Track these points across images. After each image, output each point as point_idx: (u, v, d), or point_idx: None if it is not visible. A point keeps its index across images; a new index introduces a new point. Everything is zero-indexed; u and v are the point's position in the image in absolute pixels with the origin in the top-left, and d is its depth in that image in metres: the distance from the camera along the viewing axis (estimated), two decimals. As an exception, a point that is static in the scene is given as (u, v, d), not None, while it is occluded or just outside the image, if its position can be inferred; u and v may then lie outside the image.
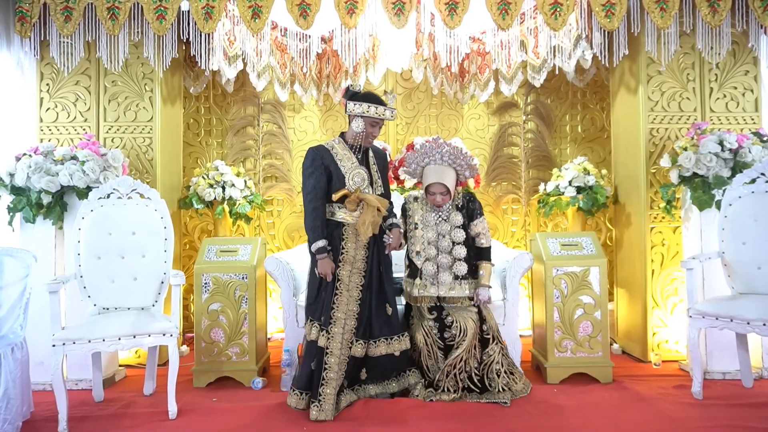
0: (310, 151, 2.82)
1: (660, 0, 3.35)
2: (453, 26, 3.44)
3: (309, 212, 2.73)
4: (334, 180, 2.76)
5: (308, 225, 2.73)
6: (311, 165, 2.76)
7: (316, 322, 2.70)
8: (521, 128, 4.53)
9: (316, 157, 2.77)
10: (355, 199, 2.73)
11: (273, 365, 3.51)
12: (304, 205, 2.77)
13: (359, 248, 2.76)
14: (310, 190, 2.74)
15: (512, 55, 4.01)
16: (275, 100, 4.44)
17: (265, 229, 4.52)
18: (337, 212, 2.76)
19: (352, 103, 2.75)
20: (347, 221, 2.75)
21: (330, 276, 2.68)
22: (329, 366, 2.63)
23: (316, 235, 2.71)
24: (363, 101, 2.75)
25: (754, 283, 2.91)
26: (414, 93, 4.54)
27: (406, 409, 2.70)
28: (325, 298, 2.70)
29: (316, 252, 2.70)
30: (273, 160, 4.53)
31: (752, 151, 3.13)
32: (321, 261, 2.69)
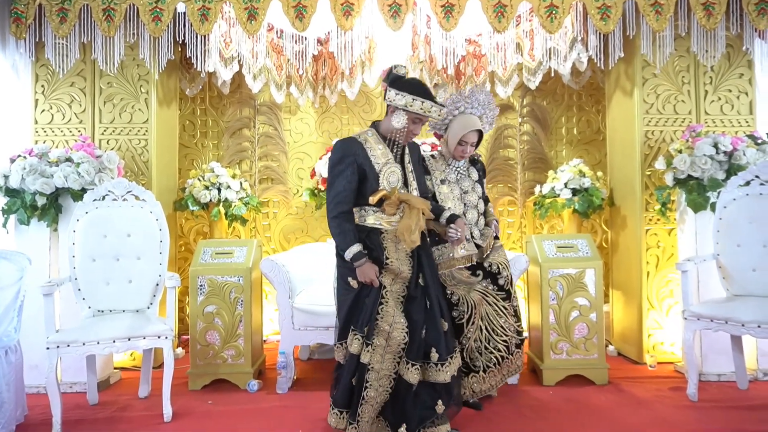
0: (341, 144, 2.36)
1: (655, 3, 3.36)
2: (449, 28, 3.44)
3: (335, 216, 2.31)
4: (369, 180, 2.32)
5: (336, 230, 2.32)
6: (341, 161, 2.31)
7: (359, 334, 2.28)
8: (517, 130, 4.54)
9: (348, 153, 2.32)
10: (395, 202, 2.31)
11: (269, 368, 3.50)
12: (328, 208, 2.34)
13: (403, 259, 2.31)
14: (339, 191, 2.30)
15: (508, 58, 4.02)
16: (271, 101, 4.44)
17: (260, 231, 4.51)
18: (370, 216, 2.34)
19: (393, 91, 2.29)
20: (384, 227, 2.33)
21: (376, 281, 2.26)
22: (370, 383, 2.24)
23: (347, 240, 2.27)
24: (407, 92, 2.27)
25: (749, 286, 2.92)
26: (410, 95, 4.53)
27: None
28: (369, 307, 2.28)
29: (353, 258, 2.25)
30: (269, 162, 4.52)
31: (747, 154, 3.15)
32: (362, 267, 2.26)
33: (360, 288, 2.31)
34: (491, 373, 2.67)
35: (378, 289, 2.28)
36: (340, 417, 2.34)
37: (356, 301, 2.33)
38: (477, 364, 2.65)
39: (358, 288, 2.32)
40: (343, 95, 4.32)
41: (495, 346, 2.66)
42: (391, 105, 2.32)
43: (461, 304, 2.66)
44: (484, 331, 2.66)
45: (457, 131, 2.68)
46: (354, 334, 2.31)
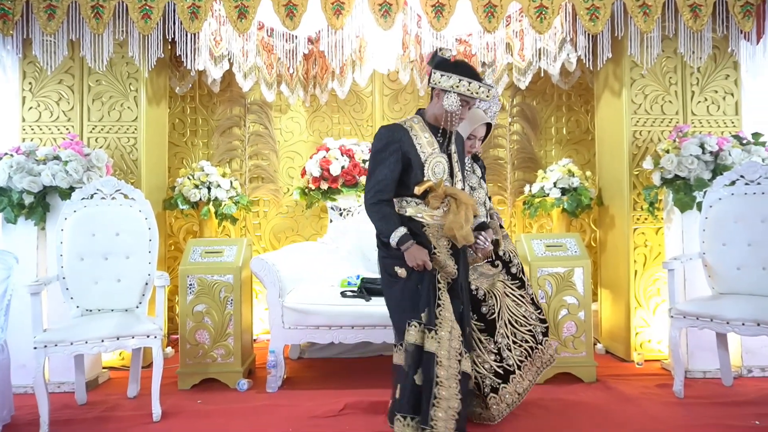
0: (385, 131, 2.23)
1: (643, 4, 3.40)
2: (439, 28, 3.46)
3: (374, 202, 2.17)
4: (414, 169, 2.18)
5: (376, 215, 2.17)
6: (385, 148, 2.18)
7: (415, 321, 2.09)
8: (507, 130, 4.57)
9: (393, 140, 2.18)
10: (441, 194, 2.19)
11: (259, 367, 3.49)
12: (366, 196, 2.20)
13: (447, 255, 2.19)
14: (380, 179, 2.16)
15: (498, 58, 4.04)
16: (262, 100, 4.43)
17: (251, 230, 4.50)
18: (410, 207, 2.21)
19: (438, 73, 2.18)
20: (426, 221, 2.20)
21: (429, 263, 2.10)
22: (440, 381, 2.03)
23: (391, 224, 2.13)
24: (453, 72, 2.17)
25: (734, 284, 2.96)
26: (401, 94, 4.55)
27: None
28: (425, 293, 2.11)
29: (399, 242, 2.09)
30: (259, 160, 4.51)
31: (732, 154, 3.19)
32: (410, 250, 2.09)
33: (409, 275, 2.13)
34: (526, 368, 2.58)
35: (432, 274, 2.13)
36: (405, 424, 2.10)
37: (407, 291, 2.14)
38: (510, 362, 2.54)
39: (406, 276, 2.14)
40: (333, 94, 4.32)
41: (522, 338, 2.58)
42: (437, 88, 2.20)
43: (489, 298, 2.55)
44: (508, 325, 2.57)
45: (465, 125, 2.59)
46: (410, 324, 2.11)
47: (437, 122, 2.25)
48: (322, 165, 4.00)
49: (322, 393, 3.00)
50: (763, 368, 3.21)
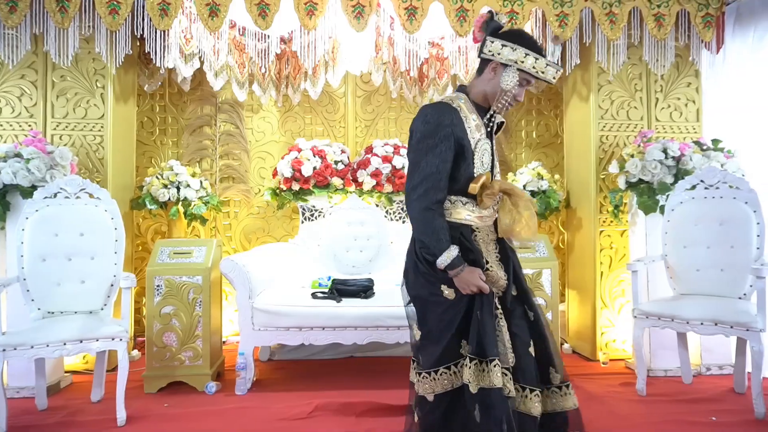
0: (433, 111, 1.80)
1: (610, 12, 3.49)
2: (412, 31, 3.48)
3: (426, 207, 1.75)
4: (465, 159, 1.81)
5: (424, 226, 1.77)
6: (434, 133, 1.76)
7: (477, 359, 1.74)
8: (478, 133, 4.61)
9: (444, 122, 1.77)
10: (496, 191, 1.86)
11: (228, 369, 3.45)
12: (410, 195, 1.78)
13: (496, 263, 1.86)
14: (430, 173, 1.74)
15: (470, 61, 4.09)
16: (233, 99, 4.38)
17: (221, 231, 4.44)
18: (460, 209, 1.84)
19: (499, 42, 1.80)
20: (475, 224, 1.86)
21: (486, 287, 1.76)
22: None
23: (441, 241, 1.75)
24: (519, 44, 1.80)
25: (694, 285, 3.06)
26: (373, 96, 4.56)
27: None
28: (485, 323, 1.75)
29: (450, 266, 1.74)
30: (230, 160, 4.46)
31: (693, 159, 3.30)
32: (463, 275, 1.75)
33: (458, 298, 1.79)
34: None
35: (490, 298, 1.78)
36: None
37: (455, 316, 1.78)
38: None
39: (456, 298, 1.78)
40: (306, 95, 4.31)
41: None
42: (494, 60, 1.82)
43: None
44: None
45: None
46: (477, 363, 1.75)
47: (485, 102, 1.89)
48: (293, 166, 3.98)
49: (292, 395, 2.98)
50: (720, 366, 3.32)
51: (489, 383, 1.70)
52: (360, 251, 3.94)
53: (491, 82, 1.85)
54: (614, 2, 3.48)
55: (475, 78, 1.92)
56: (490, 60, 1.84)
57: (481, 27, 1.87)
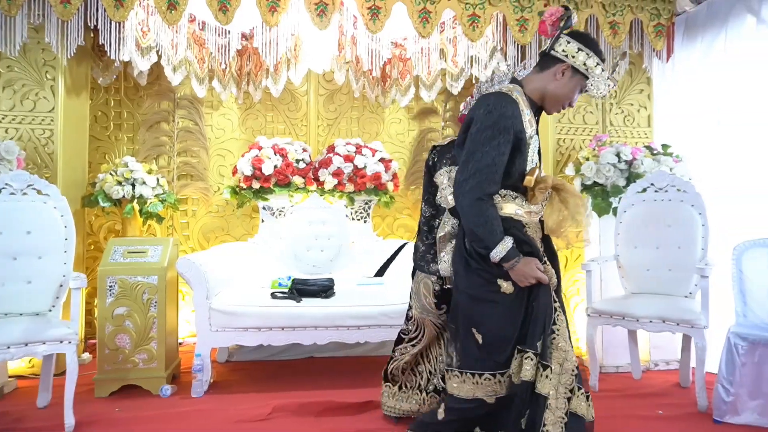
0: (497, 101, 1.71)
1: (567, 19, 3.58)
2: (375, 30, 3.48)
3: (479, 197, 1.67)
4: (522, 154, 1.75)
5: (477, 218, 1.68)
6: (495, 124, 1.68)
7: (531, 352, 1.68)
8: (440, 134, 4.67)
9: (507, 113, 1.70)
10: (548, 186, 1.80)
11: (184, 371, 3.37)
12: (463, 186, 1.70)
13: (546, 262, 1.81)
14: (487, 164, 1.67)
15: (432, 63, 4.12)
16: (192, 95, 4.28)
17: (178, 230, 4.33)
18: (509, 204, 1.76)
19: (575, 44, 1.73)
20: (524, 219, 1.79)
21: (545, 277, 1.71)
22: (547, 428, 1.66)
23: (496, 233, 1.68)
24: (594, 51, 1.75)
25: (644, 284, 3.18)
26: (336, 95, 4.54)
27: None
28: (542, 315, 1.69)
29: (505, 258, 1.67)
30: (188, 157, 4.36)
31: (644, 163, 3.42)
32: (517, 268, 1.68)
33: (518, 291, 1.71)
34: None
35: (547, 289, 1.71)
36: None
37: (514, 310, 1.70)
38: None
39: (514, 292, 1.70)
40: (267, 92, 4.25)
41: None
42: (567, 62, 1.75)
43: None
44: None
45: None
46: (524, 355, 1.68)
47: (539, 100, 1.82)
48: (254, 164, 3.92)
49: (251, 396, 2.94)
50: (667, 362, 3.46)
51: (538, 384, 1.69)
52: (321, 251, 3.92)
53: (555, 83, 1.78)
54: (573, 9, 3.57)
55: (535, 73, 1.82)
56: (560, 60, 1.76)
57: (556, 23, 1.77)
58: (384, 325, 3.19)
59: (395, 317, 3.20)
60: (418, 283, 2.36)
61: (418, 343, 2.44)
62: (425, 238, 2.34)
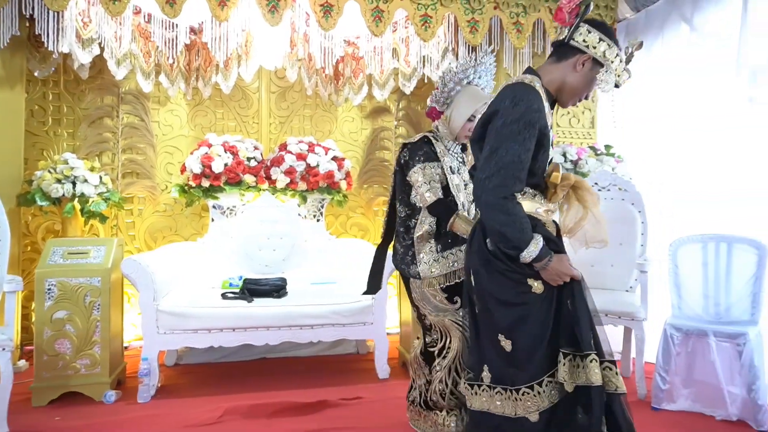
0: (524, 92, 1.59)
1: (517, 22, 3.67)
2: (328, 28, 3.46)
3: (505, 196, 1.55)
4: (544, 149, 1.64)
5: (503, 216, 1.55)
6: (523, 117, 1.55)
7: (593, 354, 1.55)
8: (393, 133, 4.69)
9: (533, 106, 1.57)
10: (572, 182, 1.71)
11: (130, 376, 3.26)
12: (486, 184, 1.55)
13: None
14: (512, 161, 1.54)
15: (385, 62, 4.14)
16: (138, 90, 4.12)
17: (123, 230, 4.17)
18: (527, 201, 1.65)
19: (597, 35, 1.63)
20: (543, 218, 1.69)
21: (577, 273, 1.61)
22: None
23: (525, 232, 1.55)
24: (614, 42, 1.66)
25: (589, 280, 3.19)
26: (288, 92, 4.49)
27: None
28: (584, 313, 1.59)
29: (537, 258, 1.55)
30: (134, 155, 4.20)
31: (588, 163, 3.56)
32: (552, 265, 1.56)
33: (548, 290, 1.59)
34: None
35: (580, 285, 1.61)
36: None
37: (545, 311, 1.58)
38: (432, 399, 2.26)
39: (544, 291, 1.58)
40: (217, 88, 4.16)
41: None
42: (587, 53, 1.64)
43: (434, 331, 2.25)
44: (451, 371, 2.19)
45: (467, 106, 2.17)
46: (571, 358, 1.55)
47: (556, 91, 1.70)
48: (203, 161, 3.83)
49: (200, 400, 2.87)
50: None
51: (586, 380, 1.53)
52: (273, 250, 3.87)
53: (575, 74, 1.67)
54: (521, 13, 3.67)
55: (550, 64, 1.71)
56: (580, 51, 1.65)
57: (575, 10, 1.65)
58: (337, 324, 3.19)
59: (348, 316, 3.21)
60: (419, 288, 2.18)
61: (448, 352, 2.18)
62: (402, 240, 2.23)
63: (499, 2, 3.61)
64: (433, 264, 2.13)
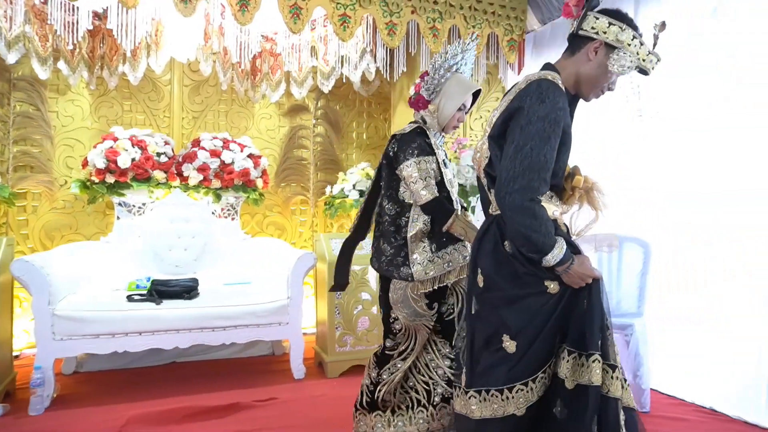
0: (550, 88, 1.52)
1: (433, 27, 3.77)
2: (244, 22, 3.37)
3: (531, 199, 1.48)
4: (566, 149, 1.58)
5: (529, 220, 1.48)
6: (549, 114, 1.49)
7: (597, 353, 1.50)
8: (311, 131, 4.66)
9: (560, 104, 1.51)
10: (590, 184, 1.67)
11: (20, 387, 3.00)
12: (510, 185, 1.48)
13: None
14: (540, 162, 1.48)
15: (303, 60, 4.10)
16: (33, 77, 3.80)
17: (14, 228, 3.84)
18: (546, 203, 1.58)
19: (606, 19, 1.58)
20: (558, 221, 1.65)
21: (598, 273, 1.55)
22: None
23: (550, 236, 1.50)
24: (628, 24, 1.58)
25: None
26: (203, 86, 4.33)
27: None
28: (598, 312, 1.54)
29: (561, 262, 1.49)
30: (28, 147, 3.87)
31: (499, 166, 3.73)
32: (575, 268, 1.50)
33: (562, 291, 1.54)
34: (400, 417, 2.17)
35: (599, 285, 1.56)
36: None
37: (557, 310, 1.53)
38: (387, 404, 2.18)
39: (560, 291, 1.54)
40: (125, 79, 3.93)
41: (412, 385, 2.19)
42: (598, 39, 1.58)
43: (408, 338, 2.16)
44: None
45: (458, 95, 2.08)
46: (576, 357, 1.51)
47: (573, 87, 1.64)
48: (108, 156, 3.60)
49: (102, 409, 2.71)
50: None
51: (588, 380, 1.49)
52: (184, 249, 3.73)
53: (590, 64, 1.60)
54: (437, 18, 3.78)
55: (565, 59, 1.65)
56: (591, 39, 1.59)
57: (581, 2, 1.61)
58: (252, 324, 3.13)
59: (263, 316, 3.16)
60: (402, 290, 2.07)
61: (409, 355, 2.14)
62: (393, 240, 2.07)
63: (416, 7, 3.70)
64: (428, 265, 2.01)
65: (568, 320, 1.54)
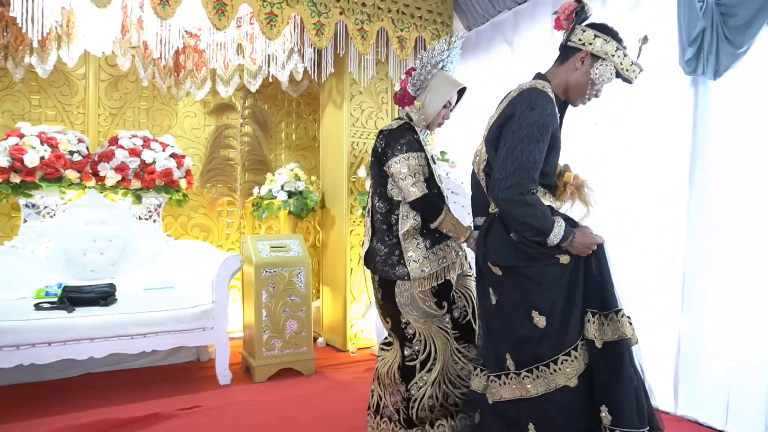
0: (538, 96, 1.71)
1: (361, 29, 3.79)
2: (165, 17, 3.24)
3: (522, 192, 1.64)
4: (555, 152, 1.76)
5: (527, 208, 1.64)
6: (538, 120, 1.67)
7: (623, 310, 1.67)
8: (238, 131, 4.55)
9: (548, 110, 1.69)
10: (581, 183, 1.84)
11: None
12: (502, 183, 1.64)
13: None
14: (530, 163, 1.65)
15: (229, 57, 4.00)
16: (-77, 66, 3.48)
17: None
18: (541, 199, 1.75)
19: (592, 32, 1.76)
20: None
21: (600, 238, 1.70)
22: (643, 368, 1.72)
23: (548, 218, 1.66)
24: (612, 37, 1.75)
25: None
26: (121, 82, 4.12)
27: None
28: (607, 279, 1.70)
29: (564, 238, 1.65)
30: None
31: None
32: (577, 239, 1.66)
33: (575, 261, 1.68)
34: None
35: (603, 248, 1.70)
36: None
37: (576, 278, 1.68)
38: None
39: (572, 261, 1.68)
40: (33, 71, 3.67)
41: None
42: (585, 50, 1.75)
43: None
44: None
45: (444, 91, 2.10)
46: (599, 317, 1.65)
47: (563, 94, 1.83)
48: (13, 154, 3.35)
49: (8, 428, 2.52)
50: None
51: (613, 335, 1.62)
52: (101, 253, 3.53)
53: (577, 72, 1.79)
54: (365, 20, 3.80)
55: (555, 67, 1.84)
56: (578, 50, 1.77)
57: (570, 16, 1.78)
58: (174, 330, 3.03)
59: (187, 321, 3.06)
60: (408, 291, 2.03)
61: (433, 366, 2.06)
62: (386, 238, 2.04)
63: (344, 8, 3.70)
64: (423, 262, 2.00)
65: (585, 286, 1.69)
